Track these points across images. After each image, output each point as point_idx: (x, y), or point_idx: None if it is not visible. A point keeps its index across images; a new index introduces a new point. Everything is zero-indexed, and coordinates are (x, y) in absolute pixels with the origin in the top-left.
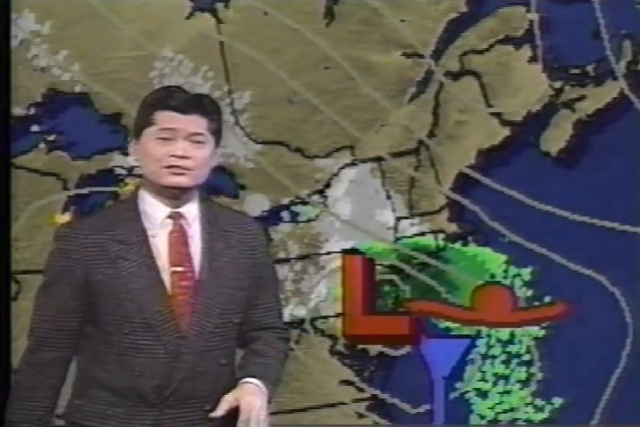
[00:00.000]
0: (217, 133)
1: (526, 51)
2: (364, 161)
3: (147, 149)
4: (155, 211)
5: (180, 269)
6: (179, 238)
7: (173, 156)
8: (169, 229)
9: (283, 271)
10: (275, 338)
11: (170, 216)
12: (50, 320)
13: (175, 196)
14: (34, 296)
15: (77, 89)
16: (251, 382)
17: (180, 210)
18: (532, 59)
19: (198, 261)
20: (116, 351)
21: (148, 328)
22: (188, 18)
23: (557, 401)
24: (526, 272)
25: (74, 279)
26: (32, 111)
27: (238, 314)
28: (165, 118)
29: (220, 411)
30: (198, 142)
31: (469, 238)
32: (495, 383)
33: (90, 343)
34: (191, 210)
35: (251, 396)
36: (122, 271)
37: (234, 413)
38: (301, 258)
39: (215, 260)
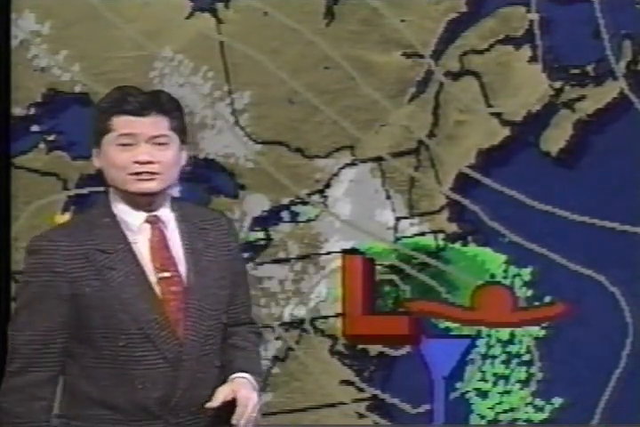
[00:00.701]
0: (181, 131)
1: (526, 51)
2: (364, 161)
3: (109, 156)
4: (130, 217)
5: (167, 274)
6: (160, 243)
7: (137, 162)
8: (148, 234)
9: (283, 271)
10: (249, 333)
11: (147, 221)
12: (38, 340)
13: (148, 202)
14: (11, 319)
15: (77, 89)
16: (243, 377)
17: (157, 213)
18: (532, 59)
19: (183, 265)
20: (110, 366)
21: (144, 338)
22: (187, 18)
23: (557, 401)
24: (526, 272)
25: (59, 294)
26: (32, 111)
27: (224, 313)
28: (123, 123)
29: (216, 402)
30: (161, 144)
31: (469, 238)
32: (495, 383)
33: (78, 361)
34: (166, 212)
35: (247, 390)
36: (110, 282)
37: (226, 406)
38: (301, 258)
39: (199, 260)
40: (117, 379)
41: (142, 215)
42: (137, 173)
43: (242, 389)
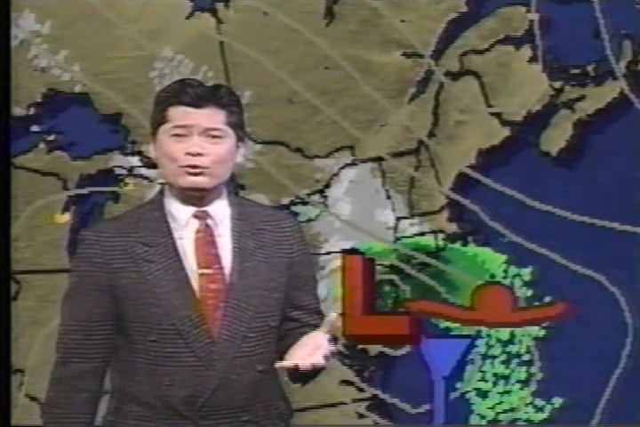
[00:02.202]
0: (237, 127)
1: (526, 51)
2: (364, 161)
3: (163, 147)
4: (179, 211)
5: (208, 271)
6: (205, 239)
7: (188, 153)
8: (195, 229)
9: None
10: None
11: (195, 216)
12: (78, 330)
13: (198, 197)
14: (60, 305)
15: (77, 89)
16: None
17: (207, 209)
18: (532, 59)
19: (228, 263)
20: (143, 361)
21: (176, 335)
22: (187, 18)
23: (557, 401)
24: (526, 272)
25: (98, 285)
26: (32, 111)
27: (275, 317)
28: (179, 114)
29: (303, 365)
30: (215, 137)
31: (469, 238)
32: (495, 383)
33: (118, 355)
34: (219, 208)
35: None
36: (147, 275)
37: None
38: None
39: (246, 260)
40: (148, 375)
41: (191, 210)
42: (187, 166)
43: (312, 339)
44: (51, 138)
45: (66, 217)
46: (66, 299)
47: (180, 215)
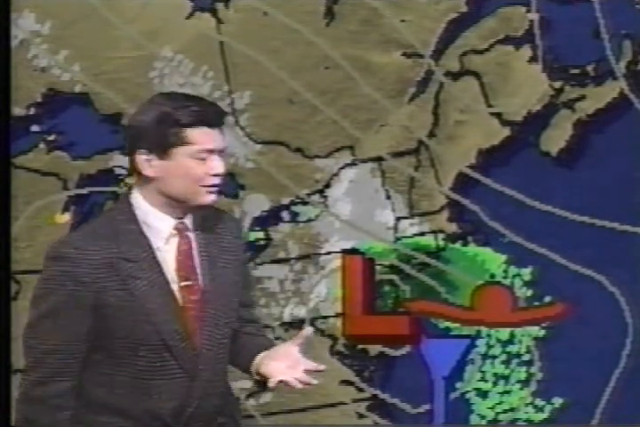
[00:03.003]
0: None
1: (526, 51)
2: (364, 161)
3: (183, 168)
4: (160, 223)
5: (188, 282)
6: (187, 251)
7: (213, 175)
8: (175, 241)
9: (283, 271)
10: (259, 329)
11: (176, 228)
12: (62, 350)
13: (192, 211)
14: (30, 327)
15: (77, 89)
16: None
17: (184, 220)
18: (532, 59)
19: (199, 272)
20: (127, 375)
21: (164, 349)
22: (187, 18)
23: (557, 401)
24: (526, 272)
25: (84, 304)
26: (32, 111)
27: (235, 319)
28: (202, 137)
29: (282, 381)
30: (222, 157)
31: (469, 238)
32: (495, 383)
33: (93, 368)
34: (189, 219)
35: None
36: (135, 292)
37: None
38: (301, 258)
39: (214, 267)
40: (133, 388)
41: (170, 222)
42: (210, 186)
43: (273, 357)
44: (51, 138)
45: (66, 217)
46: (45, 318)
47: (161, 227)
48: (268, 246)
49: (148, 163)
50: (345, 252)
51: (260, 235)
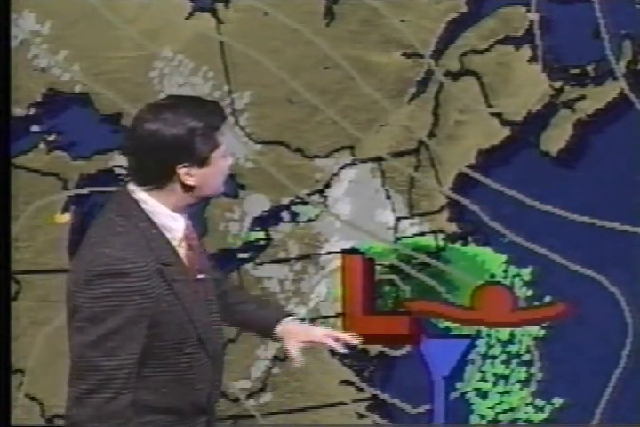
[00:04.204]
0: None
1: (526, 51)
2: (364, 161)
3: (219, 169)
4: (175, 224)
5: (202, 276)
6: (196, 246)
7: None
8: (186, 237)
9: (283, 271)
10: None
11: (186, 225)
12: (130, 363)
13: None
14: (93, 346)
15: (77, 89)
16: (294, 319)
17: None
18: (532, 59)
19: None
20: (172, 374)
21: (199, 343)
22: (187, 18)
23: (557, 401)
24: (526, 272)
25: (148, 316)
26: (32, 111)
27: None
28: (223, 136)
29: (297, 363)
30: None
31: (469, 238)
32: (495, 383)
33: (138, 374)
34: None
35: (310, 332)
36: (178, 294)
37: None
38: (301, 258)
39: (203, 257)
40: (178, 385)
41: (183, 221)
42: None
43: (305, 334)
44: (51, 138)
45: (66, 217)
46: (114, 333)
47: (177, 227)
48: (267, 246)
49: (188, 174)
50: (345, 252)
51: (260, 235)
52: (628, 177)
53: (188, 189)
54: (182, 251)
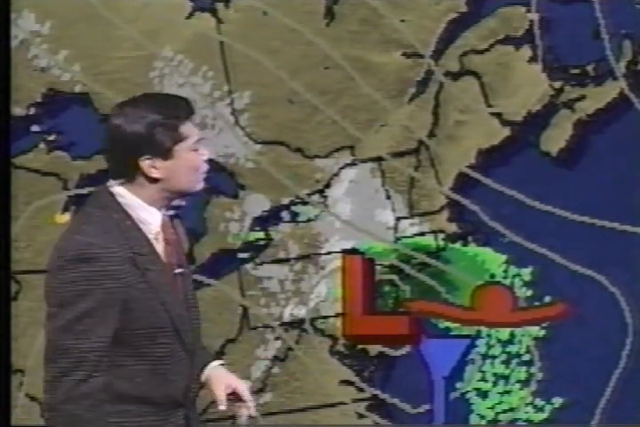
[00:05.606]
0: None
1: (526, 51)
2: (364, 161)
3: (186, 162)
4: (151, 217)
5: (180, 270)
6: (174, 241)
7: (205, 161)
8: (163, 231)
9: (283, 271)
10: None
11: (162, 220)
12: (101, 346)
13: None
14: (65, 329)
15: (77, 89)
16: (222, 365)
17: (164, 212)
18: (532, 59)
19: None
20: (146, 363)
21: (175, 334)
22: (188, 18)
23: (557, 401)
24: (526, 272)
25: (118, 300)
26: (32, 111)
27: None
28: (191, 130)
29: (224, 403)
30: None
31: (469, 238)
32: (495, 383)
33: (111, 362)
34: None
35: (237, 379)
36: (151, 283)
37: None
38: (301, 258)
39: (181, 253)
40: (153, 375)
41: (159, 215)
42: (204, 172)
43: (235, 380)
44: (51, 138)
45: (66, 217)
46: (85, 316)
47: (153, 221)
48: (268, 246)
49: (153, 167)
50: (345, 252)
51: (260, 235)
52: (628, 177)
53: (153, 181)
54: (159, 244)
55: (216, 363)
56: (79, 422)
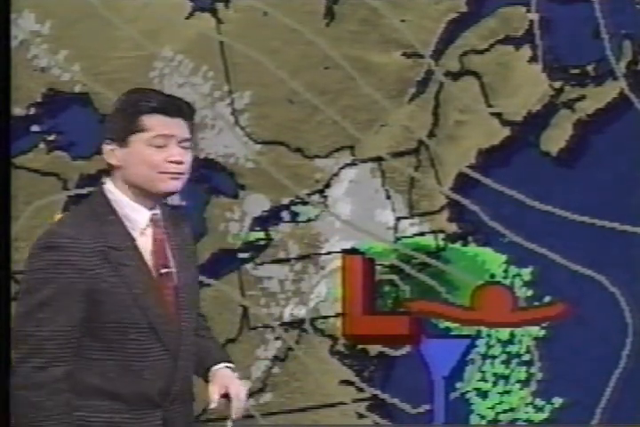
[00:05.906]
0: (193, 138)
1: (526, 51)
2: (364, 161)
3: (140, 155)
4: (137, 215)
5: (166, 270)
6: (163, 241)
7: (172, 162)
8: (150, 232)
9: (283, 271)
10: (204, 322)
11: (151, 219)
12: (61, 335)
13: (159, 201)
14: (25, 315)
15: (77, 89)
16: (228, 367)
17: (156, 211)
18: (532, 59)
19: (171, 261)
20: (118, 359)
21: (152, 331)
22: (187, 18)
23: (557, 401)
24: (526, 272)
25: (81, 290)
26: (32, 111)
27: (199, 306)
28: (158, 123)
29: (215, 402)
30: (185, 148)
31: (469, 238)
32: (495, 383)
33: (84, 355)
34: (159, 210)
35: (237, 383)
36: (125, 279)
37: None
38: (301, 258)
39: (181, 256)
40: (124, 371)
41: (147, 214)
42: (170, 173)
43: (232, 382)
44: (51, 138)
45: None
46: (43, 304)
47: (140, 219)
48: (268, 246)
49: (112, 152)
50: (345, 252)
51: (260, 235)
52: (628, 177)
53: (116, 170)
54: (145, 242)
55: (222, 365)
56: (37, 410)
